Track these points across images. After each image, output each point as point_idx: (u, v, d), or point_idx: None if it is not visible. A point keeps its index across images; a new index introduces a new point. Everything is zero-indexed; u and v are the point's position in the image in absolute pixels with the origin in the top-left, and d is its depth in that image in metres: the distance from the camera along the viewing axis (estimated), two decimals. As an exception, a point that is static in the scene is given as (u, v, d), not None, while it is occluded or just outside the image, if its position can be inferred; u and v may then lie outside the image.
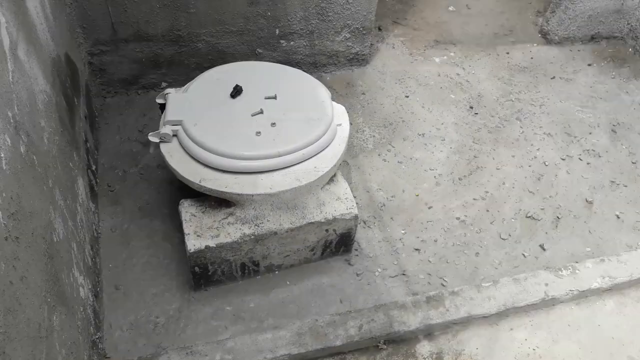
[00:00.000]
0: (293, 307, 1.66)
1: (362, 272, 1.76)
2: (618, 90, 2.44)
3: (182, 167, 1.55)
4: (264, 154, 1.54)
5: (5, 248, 0.94)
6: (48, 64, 1.48)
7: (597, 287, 1.68)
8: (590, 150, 2.18)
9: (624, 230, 1.94)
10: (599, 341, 1.62)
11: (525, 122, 2.27)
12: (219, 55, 2.18)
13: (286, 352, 1.47)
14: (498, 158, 2.12)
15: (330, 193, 1.67)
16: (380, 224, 1.89)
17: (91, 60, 2.05)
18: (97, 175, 1.91)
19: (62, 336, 1.17)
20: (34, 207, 1.12)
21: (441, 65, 2.49)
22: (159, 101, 1.71)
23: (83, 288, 1.42)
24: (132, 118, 2.12)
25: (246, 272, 1.68)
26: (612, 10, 2.57)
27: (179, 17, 2.01)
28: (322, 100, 1.69)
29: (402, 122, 2.22)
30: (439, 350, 1.57)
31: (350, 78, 2.38)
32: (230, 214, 1.58)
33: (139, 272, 1.70)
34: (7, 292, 0.91)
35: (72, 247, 1.39)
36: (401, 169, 2.06)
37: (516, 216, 1.95)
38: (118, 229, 1.80)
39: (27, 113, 1.20)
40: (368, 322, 1.55)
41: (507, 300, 1.63)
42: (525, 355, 1.58)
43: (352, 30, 2.26)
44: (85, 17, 1.93)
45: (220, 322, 1.61)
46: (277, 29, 2.16)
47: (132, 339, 1.56)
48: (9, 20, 1.19)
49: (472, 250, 1.85)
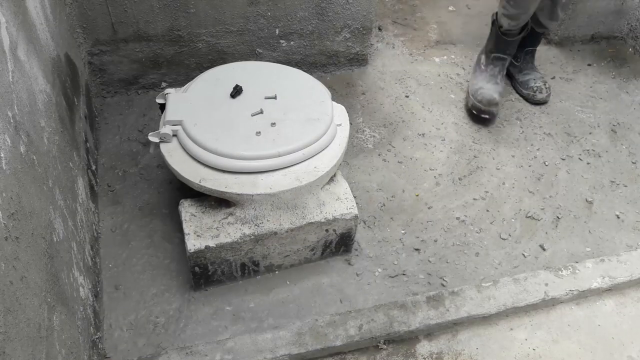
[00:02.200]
0: (293, 307, 1.66)
1: (362, 272, 1.76)
2: (618, 90, 2.44)
3: (182, 167, 1.55)
4: (264, 154, 1.54)
5: (5, 248, 0.94)
6: (48, 64, 1.48)
7: (597, 287, 1.68)
8: (590, 150, 2.18)
9: (624, 230, 1.94)
10: (599, 341, 1.62)
11: (525, 122, 2.27)
12: (219, 55, 2.18)
13: (286, 352, 1.47)
14: (498, 158, 2.12)
15: (330, 193, 1.67)
16: (380, 224, 1.89)
17: (91, 60, 2.05)
18: (97, 175, 1.91)
19: (62, 336, 1.17)
20: (33, 207, 1.12)
21: (441, 65, 2.49)
22: (159, 101, 1.71)
23: (83, 288, 1.42)
24: (132, 118, 2.12)
25: (246, 272, 1.68)
26: (612, 10, 2.57)
27: (179, 17, 2.01)
28: (322, 100, 1.69)
29: (402, 122, 2.22)
30: (439, 350, 1.57)
31: (350, 78, 2.38)
32: (230, 214, 1.58)
33: (139, 272, 1.70)
34: (7, 292, 0.91)
35: (72, 247, 1.39)
36: (401, 169, 2.06)
37: (516, 216, 1.95)
38: (118, 229, 1.80)
39: (27, 113, 1.20)
40: (368, 322, 1.55)
41: (507, 300, 1.63)
42: (525, 355, 1.58)
43: (352, 30, 2.26)
44: (85, 17, 1.93)
45: (220, 322, 1.62)
46: (277, 29, 2.16)
47: (132, 339, 1.56)
48: (9, 20, 1.19)
49: (472, 250, 1.85)
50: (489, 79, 2.21)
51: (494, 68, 2.23)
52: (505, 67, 2.26)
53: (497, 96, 2.16)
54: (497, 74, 2.22)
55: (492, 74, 2.22)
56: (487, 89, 2.17)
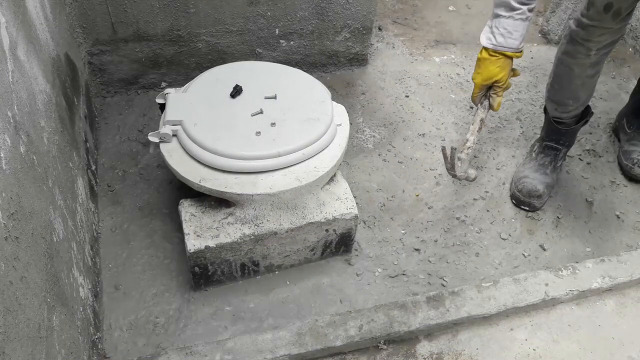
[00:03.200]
0: (293, 307, 1.66)
1: (362, 272, 1.76)
2: (618, 90, 2.44)
3: (182, 167, 1.55)
4: (264, 154, 1.54)
5: (5, 248, 0.94)
6: (48, 64, 1.48)
7: (597, 287, 1.68)
8: (590, 150, 2.18)
9: (624, 230, 1.94)
10: (599, 341, 1.62)
11: (525, 122, 2.27)
12: (219, 55, 2.18)
13: (286, 352, 1.47)
14: (498, 158, 2.12)
15: (330, 193, 1.67)
16: (380, 224, 1.89)
17: (91, 60, 2.05)
18: (97, 175, 1.91)
19: (62, 336, 1.17)
20: (33, 207, 1.12)
21: (441, 65, 2.49)
22: (159, 101, 1.71)
23: (83, 288, 1.42)
24: (132, 118, 2.12)
25: (246, 272, 1.68)
26: (612, 10, 2.57)
27: (179, 17, 2.01)
28: (322, 100, 1.69)
29: (402, 122, 2.22)
30: (439, 351, 1.57)
31: (350, 78, 2.38)
32: (230, 214, 1.58)
33: (139, 272, 1.70)
34: (6, 292, 0.91)
35: (72, 247, 1.39)
36: (401, 169, 2.06)
37: (516, 216, 1.95)
38: (118, 229, 1.80)
39: (27, 113, 1.20)
40: (368, 322, 1.54)
41: (507, 300, 1.62)
42: (525, 355, 1.58)
43: (352, 30, 2.26)
44: (85, 17, 1.92)
45: (220, 322, 1.61)
46: (277, 29, 2.16)
47: (132, 339, 1.56)
48: (8, 20, 1.19)
49: (472, 250, 1.85)
50: (537, 168, 1.96)
51: (544, 157, 1.97)
52: (560, 159, 1.99)
53: (542, 188, 1.91)
54: (547, 164, 1.96)
55: (541, 164, 1.96)
56: (532, 178, 1.93)
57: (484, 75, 1.58)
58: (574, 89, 1.79)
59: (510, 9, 1.50)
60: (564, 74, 1.78)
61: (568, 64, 1.75)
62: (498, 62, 1.55)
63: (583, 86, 1.78)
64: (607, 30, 1.62)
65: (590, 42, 1.66)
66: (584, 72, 1.74)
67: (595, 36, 1.64)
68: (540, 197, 1.93)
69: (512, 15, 1.50)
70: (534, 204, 1.93)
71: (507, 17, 1.51)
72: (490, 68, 1.56)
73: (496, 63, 1.55)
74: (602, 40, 1.65)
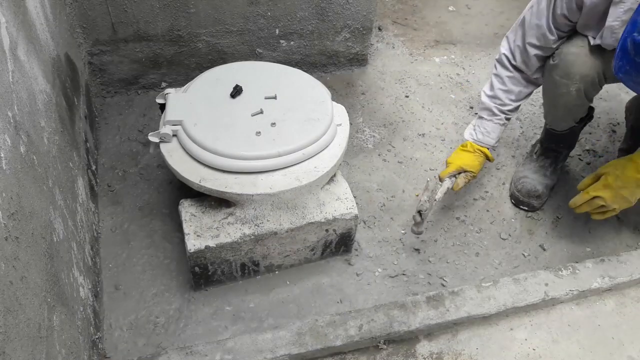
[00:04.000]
0: (293, 307, 1.66)
1: (362, 272, 1.76)
2: (618, 90, 2.44)
3: (182, 167, 1.55)
4: (264, 154, 1.54)
5: (5, 248, 0.94)
6: (48, 64, 1.48)
7: (597, 287, 1.68)
8: (590, 150, 2.18)
9: (624, 230, 1.94)
10: (599, 341, 1.62)
11: (525, 122, 2.27)
12: (219, 55, 2.18)
13: (286, 352, 1.47)
14: (498, 158, 2.12)
15: (330, 193, 1.67)
16: (380, 224, 1.89)
17: (91, 60, 2.05)
18: (97, 175, 1.91)
19: (62, 336, 1.17)
20: (33, 207, 1.12)
21: (441, 65, 2.49)
22: (159, 101, 1.71)
23: (83, 288, 1.42)
24: (132, 118, 2.12)
25: (246, 272, 1.68)
26: (612, 10, 2.56)
27: (179, 17, 2.01)
28: (322, 100, 1.69)
29: (402, 122, 2.22)
30: (439, 351, 1.57)
31: (350, 78, 2.38)
32: (230, 214, 1.58)
33: (139, 272, 1.70)
34: (7, 292, 0.91)
35: (72, 247, 1.39)
36: (401, 169, 2.06)
37: (516, 216, 1.95)
38: (118, 229, 1.80)
39: (27, 113, 1.20)
40: (368, 322, 1.54)
41: (507, 300, 1.63)
42: (525, 355, 1.58)
43: (352, 30, 2.26)
44: (85, 17, 1.93)
45: (220, 322, 1.62)
46: (277, 29, 2.16)
47: (132, 339, 1.56)
48: (9, 20, 1.19)
49: (472, 250, 1.85)
50: (537, 169, 1.97)
51: (545, 159, 1.98)
52: (561, 161, 2.00)
53: (541, 188, 1.94)
54: (548, 166, 1.97)
55: (541, 165, 1.98)
56: (531, 179, 1.95)
57: (464, 162, 1.81)
58: (562, 114, 1.80)
59: (492, 115, 1.82)
60: (550, 99, 1.78)
61: (552, 94, 1.75)
62: (476, 157, 1.83)
63: (570, 111, 1.78)
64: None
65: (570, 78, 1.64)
66: (571, 102, 1.72)
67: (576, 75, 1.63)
68: (540, 198, 1.95)
69: (492, 120, 1.83)
70: (533, 204, 1.95)
71: (488, 120, 1.84)
72: (471, 158, 1.83)
73: (476, 157, 1.83)
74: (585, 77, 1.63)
